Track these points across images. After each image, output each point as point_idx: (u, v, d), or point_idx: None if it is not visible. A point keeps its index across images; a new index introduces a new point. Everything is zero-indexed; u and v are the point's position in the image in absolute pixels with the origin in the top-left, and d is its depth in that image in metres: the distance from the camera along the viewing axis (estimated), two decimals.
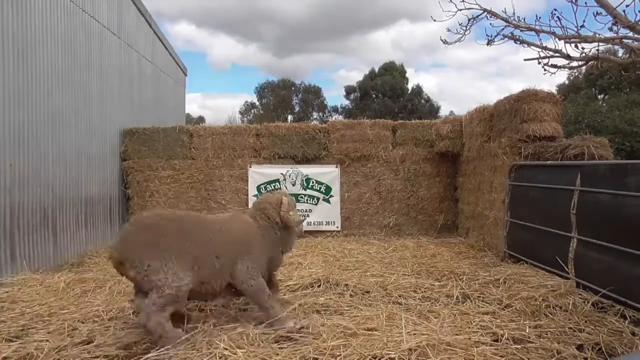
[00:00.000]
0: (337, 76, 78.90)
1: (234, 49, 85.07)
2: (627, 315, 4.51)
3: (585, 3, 4.87)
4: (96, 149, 9.09)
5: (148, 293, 3.86)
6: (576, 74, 29.55)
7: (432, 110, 42.03)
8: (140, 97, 11.65)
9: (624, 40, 5.33)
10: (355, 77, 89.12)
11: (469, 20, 6.48)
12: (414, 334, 3.98)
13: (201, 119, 44.66)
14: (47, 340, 4.13)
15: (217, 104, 74.44)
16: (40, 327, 4.52)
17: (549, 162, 6.73)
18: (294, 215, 4.75)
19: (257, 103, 48.24)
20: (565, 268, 5.74)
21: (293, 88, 47.91)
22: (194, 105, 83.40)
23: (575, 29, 5.41)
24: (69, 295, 5.60)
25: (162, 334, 3.79)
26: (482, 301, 5.09)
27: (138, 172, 10.21)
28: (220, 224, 4.39)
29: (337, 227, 10.45)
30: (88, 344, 4.07)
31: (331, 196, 10.47)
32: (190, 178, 10.30)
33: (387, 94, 41.64)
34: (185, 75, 17.61)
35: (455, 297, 5.24)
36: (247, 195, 10.35)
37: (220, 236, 4.25)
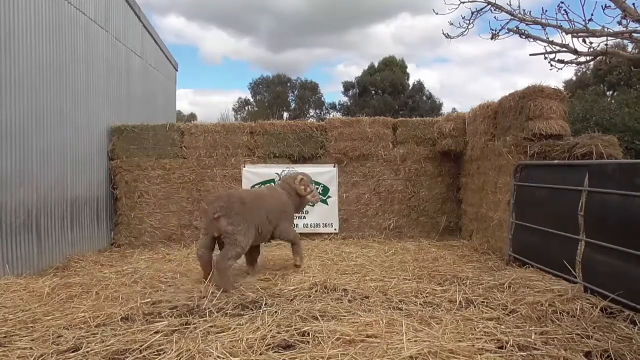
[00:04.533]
0: (335, 71, 78.93)
1: (226, 43, 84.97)
2: (636, 321, 4.51)
3: None
4: (82, 148, 9.07)
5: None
6: (584, 70, 29.68)
7: (434, 107, 42.04)
8: (129, 93, 11.62)
9: (633, 34, 5.36)
10: (354, 72, 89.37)
11: (472, 13, 6.52)
12: (415, 341, 3.99)
13: (192, 116, 44.54)
14: (31, 348, 4.12)
15: (209, 101, 74.24)
16: (23, 334, 4.50)
17: (555, 161, 6.74)
18: (304, 187, 7.29)
19: (251, 99, 48.16)
20: (573, 272, 5.75)
21: (289, 84, 47.83)
22: (184, 101, 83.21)
23: (583, 23, 5.44)
24: (53, 301, 5.58)
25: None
26: (486, 306, 5.09)
27: (126, 172, 10.18)
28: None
29: (335, 229, 10.45)
30: (74, 351, 4.07)
31: (329, 197, 10.47)
32: (181, 178, 10.28)
33: (387, 90, 41.62)
34: (176, 70, 17.57)
35: (458, 302, 5.24)
36: None
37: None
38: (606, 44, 5.51)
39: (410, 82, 44.33)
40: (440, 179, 10.66)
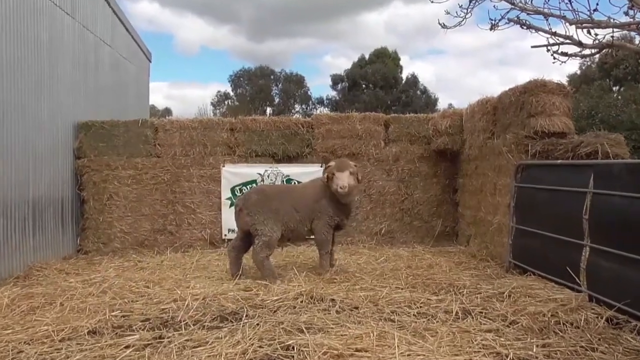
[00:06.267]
0: (323, 63, 78.95)
1: (203, 31, 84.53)
2: None
3: None
4: (46, 145, 8.96)
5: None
6: (589, 63, 30.01)
7: (429, 102, 42.26)
8: (98, 86, 11.52)
9: None
10: (343, 64, 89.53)
11: (470, 1, 6.54)
12: (409, 355, 4.00)
13: (167, 111, 44.37)
14: None
15: (186, 94, 73.93)
16: None
17: (558, 161, 6.80)
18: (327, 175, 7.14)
19: (232, 93, 48.02)
20: (577, 280, 5.81)
21: (272, 76, 47.77)
22: (158, 95, 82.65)
23: (588, 13, 5.49)
24: (13, 313, 5.52)
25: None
26: (485, 317, 5.12)
27: (94, 172, 10.08)
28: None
29: None
30: None
31: None
32: (154, 178, 10.21)
33: (378, 84, 41.77)
34: (150, 61, 17.45)
35: (454, 313, 5.26)
36: (220, 198, 10.30)
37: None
38: (612, 36, 5.57)
39: (404, 75, 44.58)
40: (435, 180, 10.71)
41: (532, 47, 6.35)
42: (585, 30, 5.61)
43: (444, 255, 8.81)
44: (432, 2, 6.82)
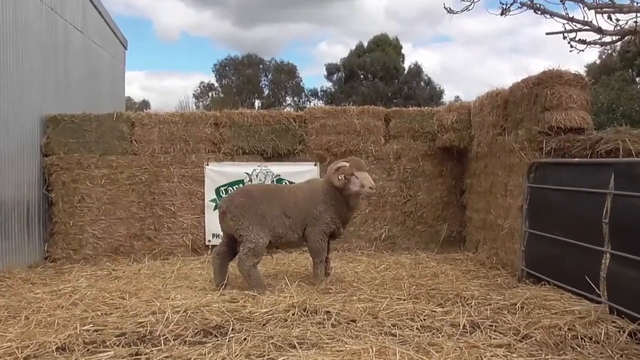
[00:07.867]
0: (317, 52, 79.17)
1: (184, 15, 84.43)
2: None
3: None
4: (10, 141, 8.92)
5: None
6: (609, 52, 30.13)
7: (433, 95, 42.47)
8: (68, 76, 11.50)
9: None
10: (340, 53, 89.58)
11: None
12: None
13: (145, 104, 44.39)
14: None
15: (165, 85, 73.99)
16: None
17: (576, 159, 6.82)
18: (343, 177, 7.00)
19: (216, 84, 48.13)
20: (596, 290, 5.82)
21: (261, 66, 47.89)
22: (135, 86, 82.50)
23: None
24: None
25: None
26: (495, 331, 5.13)
27: (64, 171, 10.04)
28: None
29: None
30: None
31: None
32: (130, 178, 10.18)
33: (378, 74, 41.90)
34: (125, 48, 17.44)
35: (461, 326, 5.27)
36: (203, 200, 10.29)
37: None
38: (635, 22, 5.60)
39: (406, 65, 44.83)
40: (440, 180, 10.73)
41: (547, 34, 6.39)
42: (605, 16, 5.64)
43: (450, 263, 8.84)
44: None
